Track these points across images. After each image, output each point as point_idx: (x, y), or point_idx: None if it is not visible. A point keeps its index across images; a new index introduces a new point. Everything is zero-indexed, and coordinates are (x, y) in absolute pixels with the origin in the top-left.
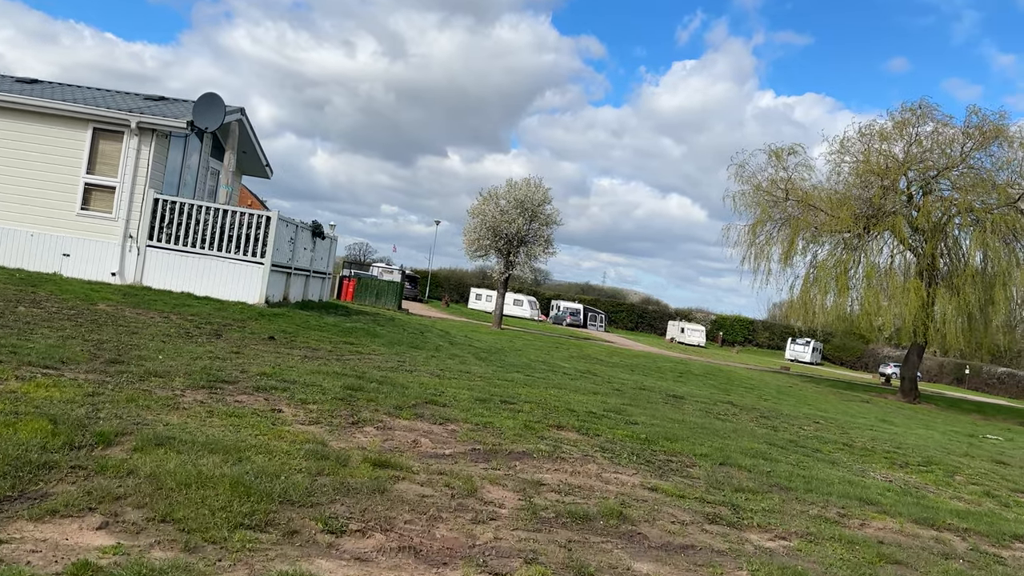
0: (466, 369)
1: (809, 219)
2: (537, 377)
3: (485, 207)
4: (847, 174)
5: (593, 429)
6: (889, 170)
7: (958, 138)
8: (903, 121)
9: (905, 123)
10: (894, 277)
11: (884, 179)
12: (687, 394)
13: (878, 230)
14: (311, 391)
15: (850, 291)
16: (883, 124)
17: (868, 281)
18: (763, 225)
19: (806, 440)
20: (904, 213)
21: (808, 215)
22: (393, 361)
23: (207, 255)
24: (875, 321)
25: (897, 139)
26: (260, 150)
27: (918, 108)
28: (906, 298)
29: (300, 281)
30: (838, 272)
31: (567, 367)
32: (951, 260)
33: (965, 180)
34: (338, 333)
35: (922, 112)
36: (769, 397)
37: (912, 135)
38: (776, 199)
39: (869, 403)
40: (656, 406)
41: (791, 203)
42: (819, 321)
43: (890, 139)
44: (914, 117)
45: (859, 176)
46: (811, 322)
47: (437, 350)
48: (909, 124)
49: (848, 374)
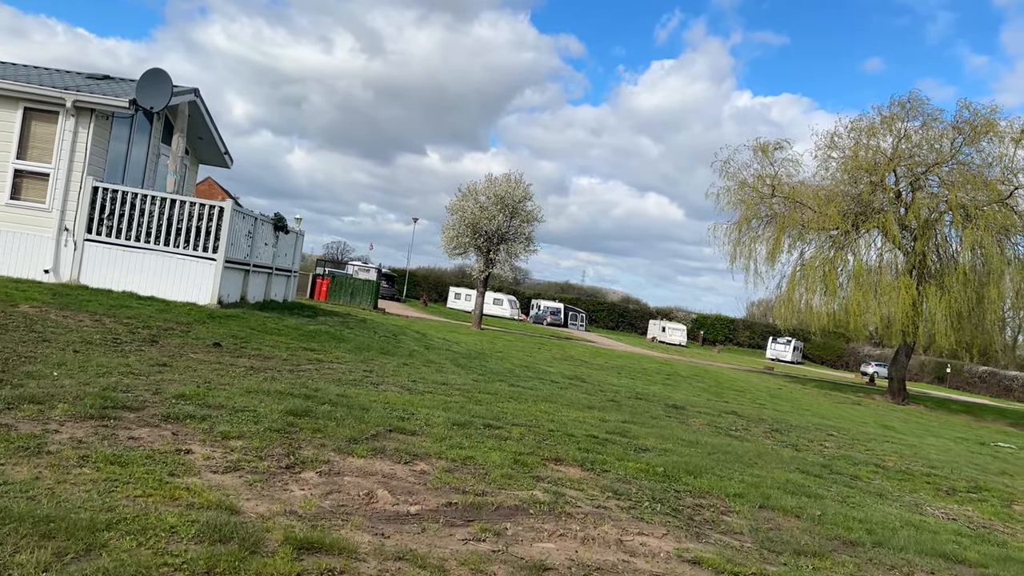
0: (443, 379)
1: (796, 216)
2: (523, 387)
3: (464, 203)
4: (835, 170)
5: (599, 461)
6: (878, 166)
7: (948, 133)
8: (891, 116)
9: (894, 117)
10: (883, 276)
11: (872, 175)
12: (686, 403)
13: (867, 227)
14: (240, 419)
15: (838, 290)
16: (871, 119)
17: (857, 280)
18: (749, 223)
19: (835, 462)
20: (893, 210)
21: (795, 212)
22: (358, 371)
23: (153, 250)
24: (863, 320)
25: (886, 134)
26: (218, 136)
27: (907, 102)
28: (896, 297)
29: (260, 279)
30: (826, 270)
31: (553, 372)
32: (941, 258)
33: (955, 176)
34: (299, 337)
35: (911, 106)
36: (764, 401)
37: (901, 130)
38: (762, 195)
39: (861, 405)
40: (660, 421)
41: (777, 200)
42: (806, 320)
43: (878, 134)
44: (903, 111)
45: (847, 172)
46: (797, 322)
47: (411, 356)
48: (898, 119)
49: (831, 374)
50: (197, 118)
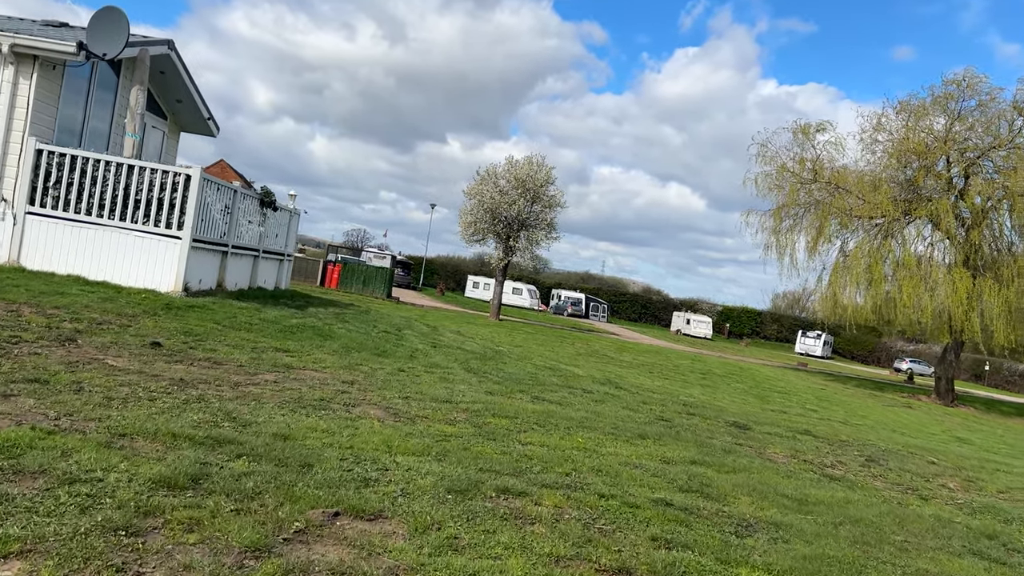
0: (447, 394)
1: (839, 203)
2: (551, 401)
3: (483, 187)
4: (881, 154)
5: (690, 570)
6: (929, 150)
7: (1006, 114)
8: (945, 95)
9: (947, 97)
10: (934, 267)
11: (923, 159)
12: (746, 418)
13: (919, 215)
14: (54, 506)
15: (883, 282)
16: (922, 99)
17: (908, 271)
18: (788, 210)
19: (998, 528)
20: (947, 198)
21: (838, 199)
22: (334, 384)
23: (107, 226)
24: (914, 315)
25: (939, 115)
26: (200, 99)
27: (963, 80)
28: (951, 290)
29: (244, 264)
30: (871, 261)
31: (582, 375)
32: (996, 249)
33: (1013, 161)
34: (273, 334)
35: (967, 84)
36: (815, 407)
37: (955, 111)
38: (802, 181)
39: (913, 409)
40: (737, 458)
41: (817, 186)
42: (849, 314)
43: (930, 115)
44: (958, 90)
45: (895, 156)
46: (839, 315)
47: (412, 358)
48: (951, 98)
49: (865, 370)
50: (174, 77)
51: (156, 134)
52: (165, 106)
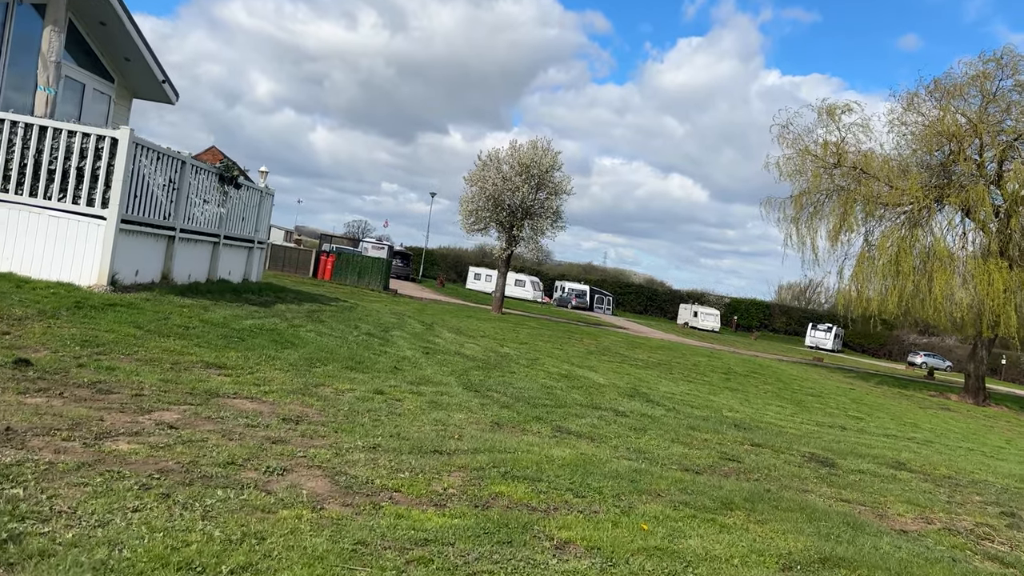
0: (436, 437)
1: (864, 190)
2: (578, 435)
3: (485, 173)
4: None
5: None
6: (963, 133)
7: None
8: (982, 74)
9: (983, 76)
10: (968, 259)
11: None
12: (823, 448)
13: (951, 203)
14: None
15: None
16: (957, 78)
17: (940, 262)
18: (809, 196)
19: None
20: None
21: (864, 185)
22: (267, 426)
23: (12, 203)
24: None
25: (975, 95)
26: (152, 58)
27: (1001, 58)
28: (986, 282)
29: (199, 252)
30: (898, 251)
31: (603, 383)
32: None
33: None
34: (213, 342)
35: (1006, 63)
36: (855, 412)
37: (990, 90)
38: (826, 165)
39: (951, 411)
40: (880, 544)
41: (842, 171)
42: (875, 308)
43: (965, 95)
44: (997, 68)
45: (925, 140)
46: (864, 309)
47: (396, 370)
48: (988, 77)
49: (881, 365)
50: (118, 29)
51: (100, 100)
52: (111, 66)
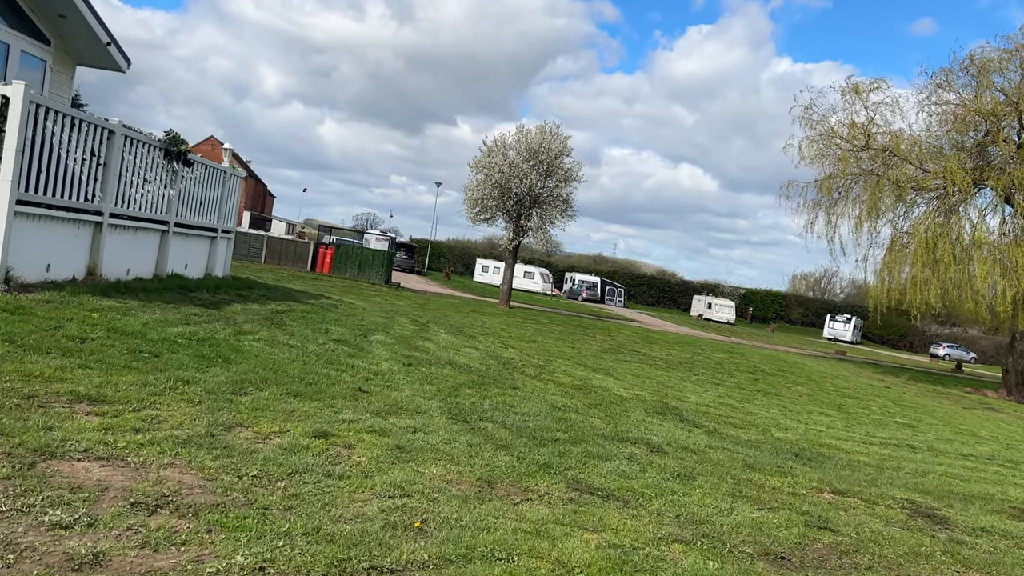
0: (388, 513)
1: (894, 173)
2: (602, 495)
3: (491, 159)
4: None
5: None
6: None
7: None
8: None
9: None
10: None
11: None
12: (929, 498)
13: (992, 186)
14: None
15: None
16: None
17: (979, 250)
18: (836, 181)
19: None
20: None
21: (895, 168)
22: (93, 522)
23: None
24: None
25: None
26: (93, 14)
27: None
28: None
29: (141, 242)
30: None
31: (625, 395)
32: None
33: None
34: (110, 360)
35: None
36: (904, 418)
37: None
38: (853, 148)
39: (997, 411)
40: None
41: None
42: (908, 300)
43: (1004, 70)
44: None
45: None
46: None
47: (359, 394)
48: None
49: (902, 357)
50: None
51: (33, 64)
52: (45, 26)
